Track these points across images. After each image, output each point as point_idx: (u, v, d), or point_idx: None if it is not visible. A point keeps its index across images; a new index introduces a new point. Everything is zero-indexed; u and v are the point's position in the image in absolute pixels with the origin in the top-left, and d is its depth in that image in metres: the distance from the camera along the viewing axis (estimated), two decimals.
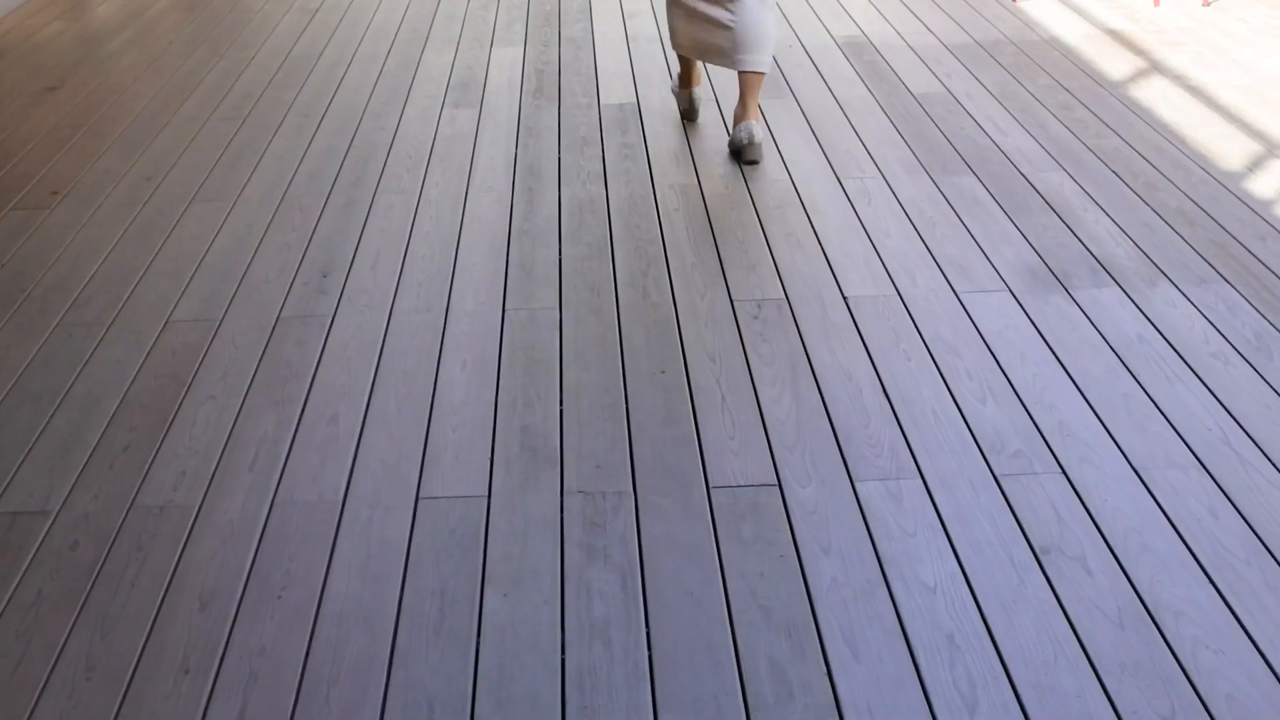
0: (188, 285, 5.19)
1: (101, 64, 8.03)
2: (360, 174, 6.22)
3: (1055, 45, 7.85)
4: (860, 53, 7.74)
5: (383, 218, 5.74)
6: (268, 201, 5.94)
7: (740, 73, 6.30)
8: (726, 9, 6.25)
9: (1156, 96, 7.02)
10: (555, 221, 5.66)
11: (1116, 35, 8.02)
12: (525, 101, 7.11)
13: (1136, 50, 7.75)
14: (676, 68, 7.54)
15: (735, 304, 4.94)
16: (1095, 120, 6.70)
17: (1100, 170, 6.10)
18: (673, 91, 6.96)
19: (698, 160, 6.28)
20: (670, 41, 6.94)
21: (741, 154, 6.29)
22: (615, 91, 7.23)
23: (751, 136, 6.25)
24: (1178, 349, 4.61)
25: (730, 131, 6.52)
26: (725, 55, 6.31)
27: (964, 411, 4.23)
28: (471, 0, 9.06)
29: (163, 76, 7.70)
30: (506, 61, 7.75)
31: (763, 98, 7.03)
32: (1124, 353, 4.58)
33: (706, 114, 6.87)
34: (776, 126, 6.68)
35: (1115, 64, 7.52)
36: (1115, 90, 7.12)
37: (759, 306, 4.91)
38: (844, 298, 4.98)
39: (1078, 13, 8.47)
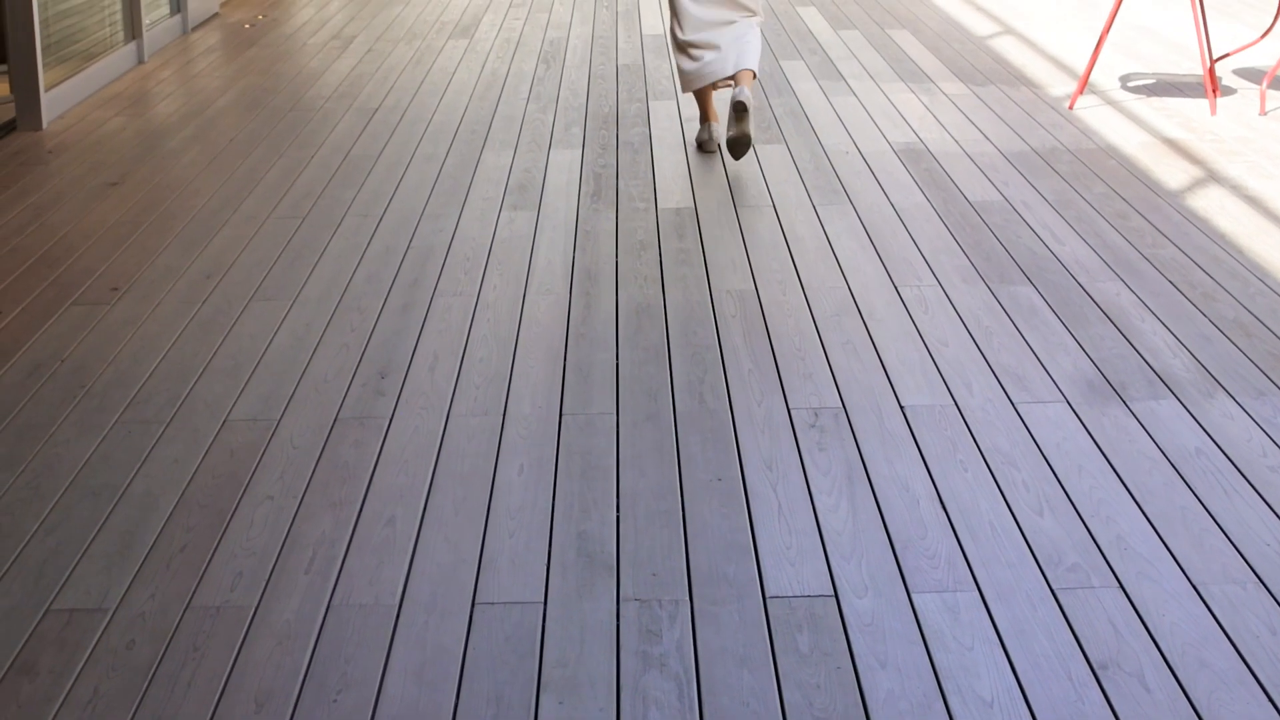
0: (246, 384, 5.22)
1: (162, 160, 8.10)
2: (418, 275, 6.25)
3: (1112, 154, 7.86)
4: (917, 160, 7.77)
5: (441, 319, 5.77)
6: (326, 301, 5.98)
7: (737, 73, 7.61)
8: (715, 44, 7.62)
9: (1213, 206, 7.02)
10: (613, 325, 5.68)
11: (1173, 144, 8.03)
12: (583, 204, 7.15)
13: (1193, 159, 7.75)
14: (730, 165, 7.60)
15: (792, 412, 4.94)
16: (1152, 230, 6.71)
17: (1157, 280, 6.10)
18: (698, 140, 8.08)
19: (755, 266, 6.30)
20: (680, 86, 7.98)
21: (736, 108, 7.39)
22: (672, 196, 7.26)
23: (744, 92, 7.40)
24: (1235, 462, 4.59)
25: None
26: (721, 69, 7.64)
27: (1021, 524, 4.22)
28: (530, 103, 9.12)
29: (223, 174, 7.77)
30: (564, 164, 7.80)
31: (819, 202, 7.07)
32: (1181, 465, 4.56)
33: (761, 221, 6.90)
34: (834, 233, 6.70)
35: (1172, 173, 7.53)
36: (1172, 199, 7.12)
37: (816, 415, 4.91)
38: (901, 407, 4.98)
39: (1134, 121, 8.48)
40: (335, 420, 4.93)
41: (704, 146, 8.01)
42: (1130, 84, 9.33)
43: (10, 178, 7.80)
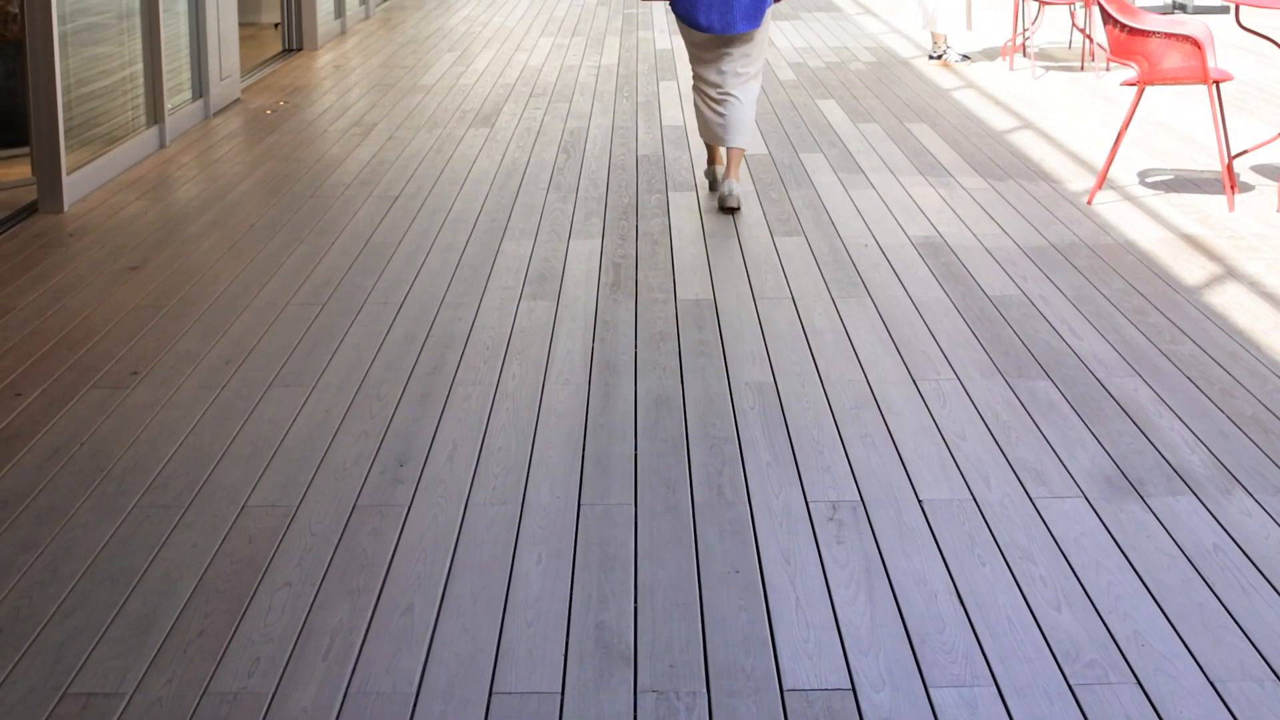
0: (265, 470, 5.23)
1: (183, 245, 8.14)
2: (438, 363, 6.27)
3: (1130, 249, 7.88)
4: (936, 254, 7.79)
5: (460, 408, 5.78)
6: (346, 388, 5.99)
7: (728, 149, 8.88)
8: (720, 112, 8.84)
9: (1231, 303, 7.04)
10: (631, 416, 5.69)
11: (1191, 240, 8.05)
12: (602, 295, 7.17)
13: (1211, 255, 7.77)
14: (750, 258, 7.63)
15: (810, 505, 4.94)
16: (1170, 326, 6.72)
17: (1175, 376, 6.10)
18: (705, 174, 9.34)
19: (774, 359, 6.31)
20: (698, 132, 9.21)
21: (724, 202, 8.78)
22: (692, 287, 7.28)
23: (732, 190, 8.78)
24: (1253, 559, 4.58)
25: (720, 191, 8.86)
26: (720, 139, 8.91)
27: (1039, 619, 4.21)
28: (550, 192, 9.17)
29: (243, 259, 7.81)
30: (584, 254, 7.83)
31: (838, 295, 7.09)
32: (1199, 562, 4.56)
33: (780, 313, 6.92)
34: (852, 325, 6.72)
35: (1190, 269, 7.55)
36: (1190, 295, 7.14)
37: (834, 508, 4.92)
38: (919, 501, 4.98)
39: (1152, 216, 8.51)
40: (354, 507, 4.93)
41: (711, 184, 9.23)
42: (1148, 180, 9.37)
43: (31, 260, 7.84)
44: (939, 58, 14.16)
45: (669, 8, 9.33)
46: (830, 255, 7.78)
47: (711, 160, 9.21)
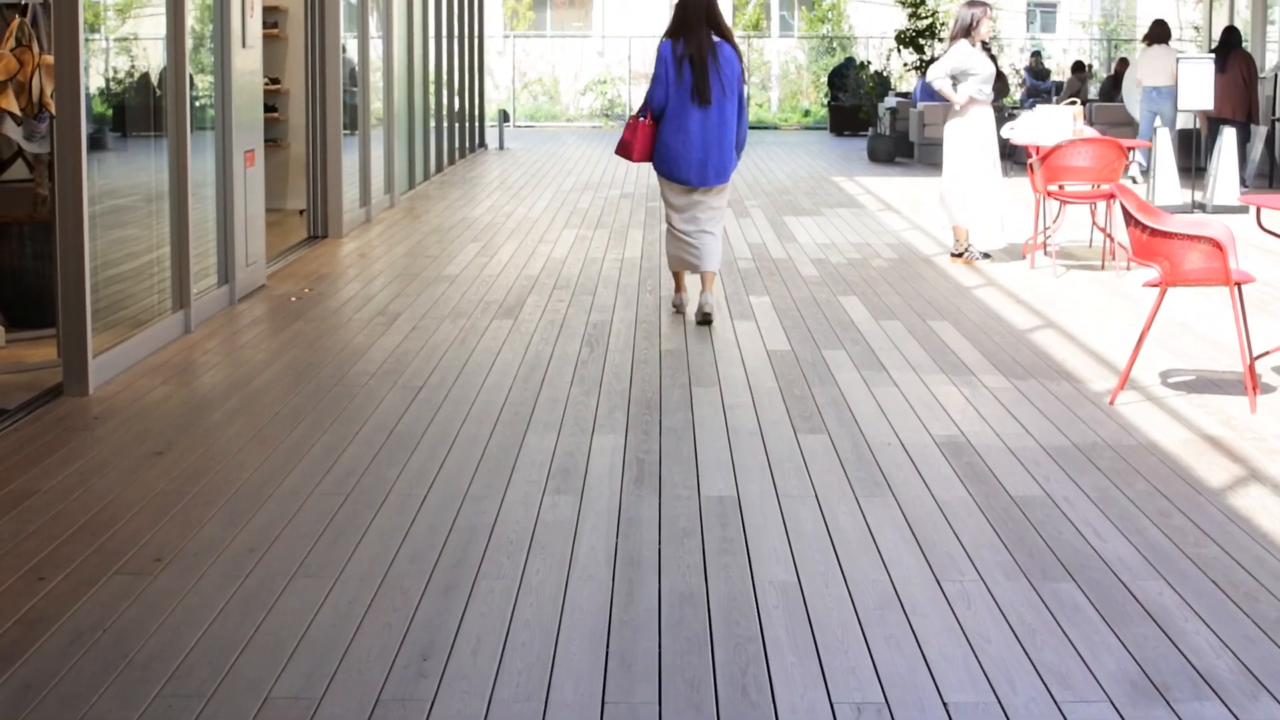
0: (288, 661, 5.22)
1: (207, 431, 8.18)
2: (461, 557, 6.27)
3: (1152, 450, 7.89)
4: (959, 453, 7.80)
5: (483, 603, 5.77)
6: (369, 580, 5.99)
7: (704, 273, 11.21)
8: (695, 246, 11.21)
9: (1255, 505, 7.03)
10: (655, 614, 5.67)
11: (1214, 441, 8.06)
12: (626, 490, 7.18)
13: (1234, 457, 7.78)
14: (773, 454, 7.64)
15: (834, 706, 4.92)
16: (1194, 528, 6.71)
17: (1200, 579, 6.09)
18: (674, 303, 11.50)
19: (798, 557, 6.30)
20: (668, 264, 11.57)
21: (704, 310, 11.07)
22: (715, 483, 7.29)
23: (708, 302, 11.10)
24: None
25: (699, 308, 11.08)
26: (696, 266, 11.22)
27: None
28: (574, 385, 9.20)
29: (268, 447, 7.84)
30: (608, 449, 7.85)
31: (861, 494, 7.09)
32: None
33: (804, 511, 6.91)
34: (875, 525, 6.71)
35: (1213, 470, 7.55)
36: (1213, 498, 7.14)
37: (858, 710, 4.89)
38: (944, 703, 4.95)
39: (1174, 417, 8.52)
40: (377, 701, 4.92)
41: (677, 308, 11.49)
42: (1171, 380, 9.39)
43: (56, 442, 7.88)
44: (961, 255, 14.26)
45: (653, 167, 11.39)
46: (853, 453, 7.79)
47: (678, 289, 11.54)
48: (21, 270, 10.57)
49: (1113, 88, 26.50)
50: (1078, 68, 32.18)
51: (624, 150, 11.34)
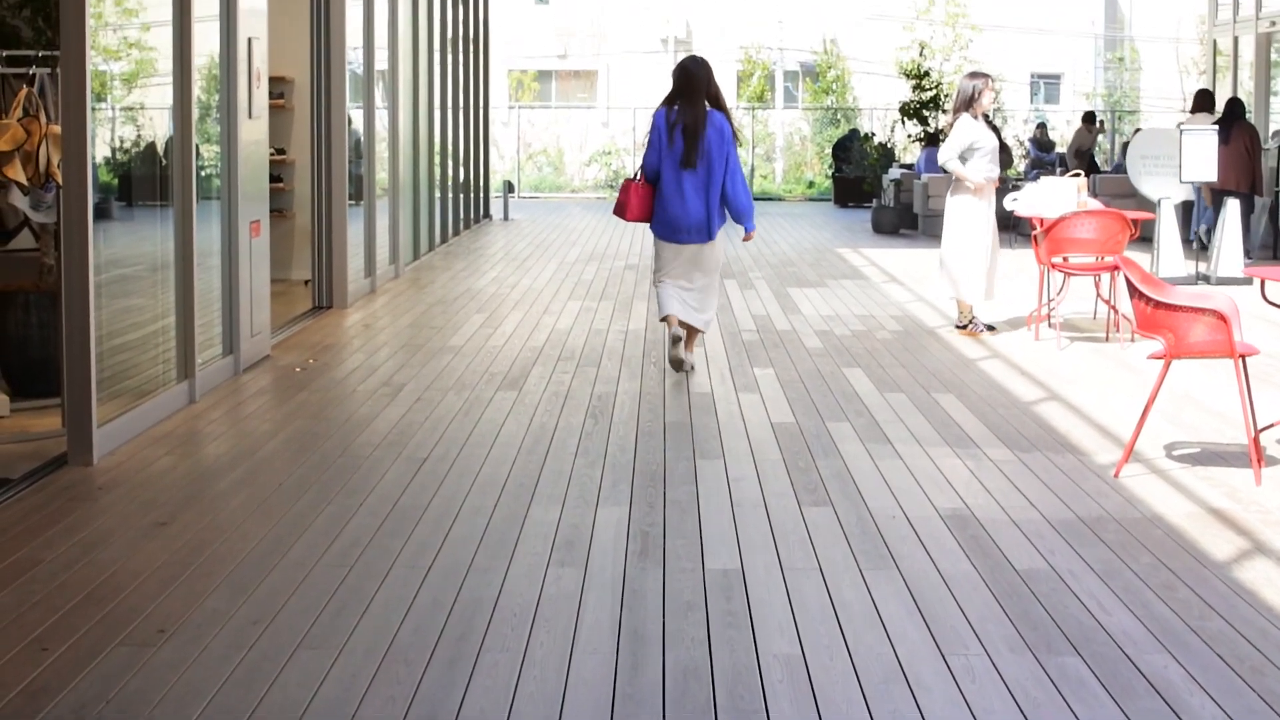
0: None
1: (212, 502, 8.18)
2: (465, 629, 6.26)
3: (1158, 523, 7.88)
4: (964, 526, 7.79)
5: (487, 676, 5.76)
6: (373, 652, 5.98)
7: (690, 326, 11.95)
8: (685, 297, 11.94)
9: (1260, 578, 7.02)
10: (659, 688, 5.66)
11: (1219, 514, 8.05)
12: (630, 563, 7.17)
13: (1239, 530, 7.77)
14: (778, 527, 7.63)
15: None
16: (1199, 601, 6.69)
17: (1205, 653, 6.07)
18: (672, 336, 11.83)
19: (802, 631, 6.29)
20: (658, 312, 12.16)
21: (679, 366, 11.82)
22: (720, 556, 7.28)
23: (689, 358, 11.96)
24: None
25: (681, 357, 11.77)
26: (682, 315, 11.83)
27: None
28: (578, 457, 9.20)
29: (272, 518, 7.83)
30: (612, 521, 7.84)
31: (866, 567, 7.08)
32: None
33: (808, 584, 6.90)
34: (880, 598, 6.70)
35: (1218, 544, 7.54)
36: (1219, 571, 7.12)
37: None
38: None
39: (1179, 490, 8.51)
40: None
41: (677, 339, 11.83)
42: (1175, 452, 9.39)
43: (60, 513, 7.88)
44: (965, 327, 14.28)
45: (650, 229, 12.23)
46: (858, 526, 7.78)
47: (672, 325, 11.92)
48: (27, 339, 10.60)
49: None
50: (1088, 118, 32.21)
51: (620, 210, 12.16)
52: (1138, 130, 25.21)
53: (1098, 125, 33.38)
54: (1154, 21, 49.09)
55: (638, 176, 12.08)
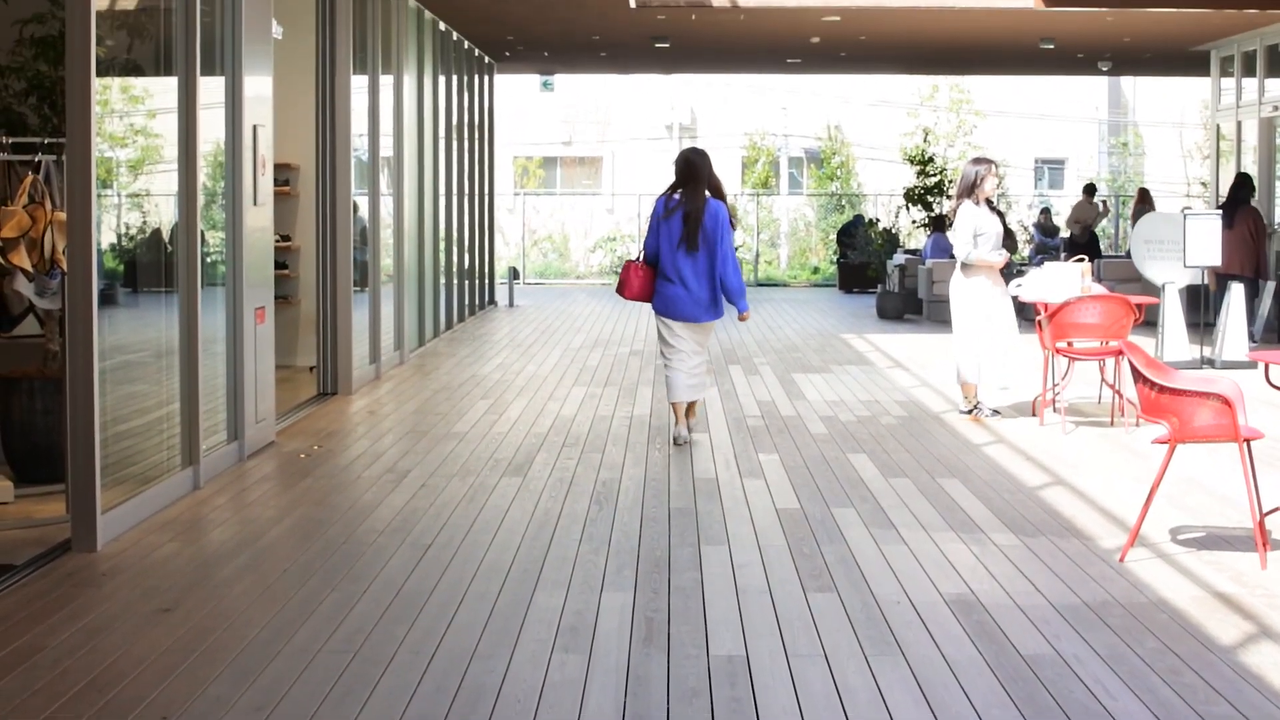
0: None
1: (215, 588, 8.17)
2: (469, 716, 6.24)
3: (1163, 608, 7.85)
4: (969, 612, 7.77)
5: None
6: None
7: (690, 403, 12.99)
8: (691, 383, 12.83)
9: (1266, 662, 7.00)
10: None
11: (1224, 598, 8.03)
12: (634, 649, 7.15)
13: (1245, 614, 7.74)
14: (782, 615, 7.61)
15: None
16: (1205, 686, 6.67)
17: None
18: (675, 439, 12.75)
19: (807, 718, 6.27)
20: (669, 398, 12.99)
21: (677, 440, 12.71)
22: (724, 643, 7.26)
23: (688, 432, 12.90)
24: None
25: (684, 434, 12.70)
26: (691, 397, 12.86)
27: None
28: (582, 544, 9.19)
29: (276, 604, 7.82)
30: (616, 607, 7.82)
31: (871, 653, 7.06)
32: None
33: (813, 670, 6.88)
34: (885, 685, 6.68)
35: (1224, 628, 7.52)
36: (1225, 655, 7.10)
37: None
38: None
39: (1184, 574, 8.50)
40: None
41: (679, 442, 12.73)
42: (1180, 537, 9.37)
43: (63, 599, 7.87)
44: (970, 412, 14.27)
45: (653, 309, 12.96)
46: (863, 612, 7.76)
47: (678, 421, 12.88)
48: (31, 425, 10.61)
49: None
50: (1089, 190, 32.23)
51: (620, 289, 12.97)
52: (1141, 195, 25.26)
53: (1101, 204, 33.40)
54: (1157, 106, 49.27)
55: (639, 258, 12.92)
